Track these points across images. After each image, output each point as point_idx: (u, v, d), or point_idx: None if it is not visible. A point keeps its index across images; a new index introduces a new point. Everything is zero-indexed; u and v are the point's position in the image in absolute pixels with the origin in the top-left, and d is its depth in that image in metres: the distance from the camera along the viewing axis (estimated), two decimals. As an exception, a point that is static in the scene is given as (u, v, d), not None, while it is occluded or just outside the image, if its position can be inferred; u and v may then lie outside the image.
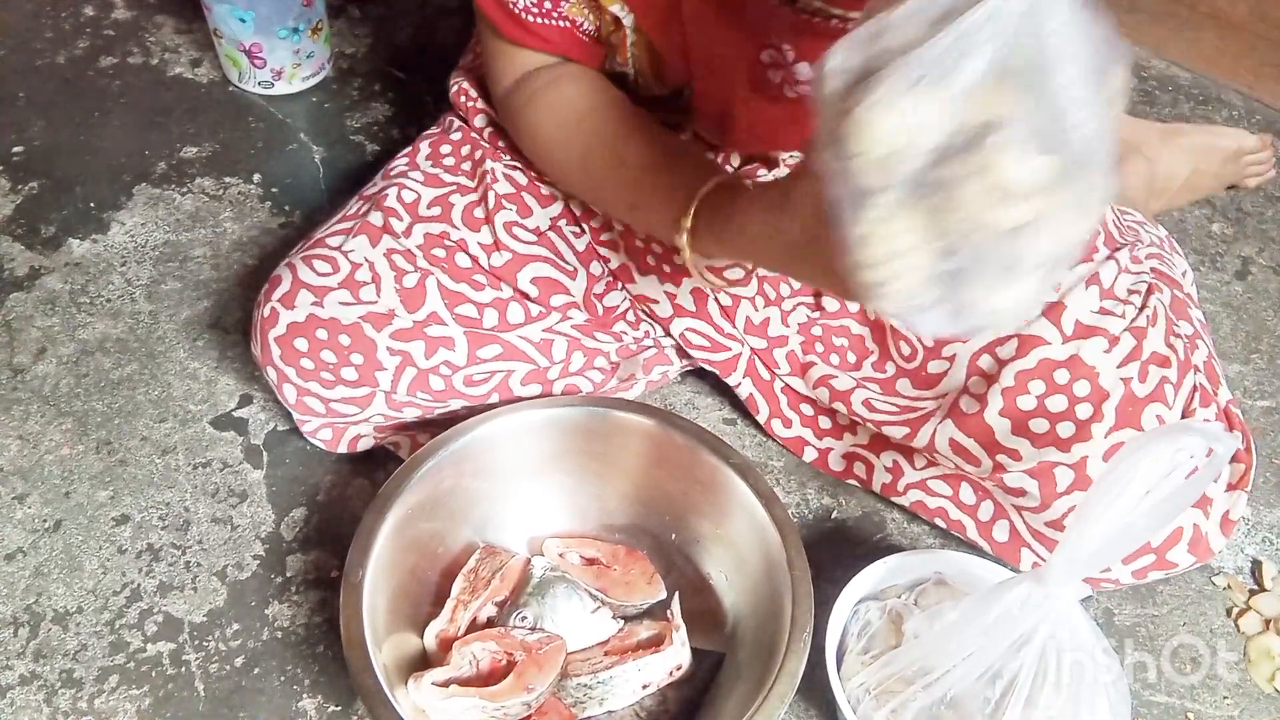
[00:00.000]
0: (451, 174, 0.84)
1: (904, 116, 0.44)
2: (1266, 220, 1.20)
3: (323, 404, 0.80)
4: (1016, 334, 0.74)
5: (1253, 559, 0.89)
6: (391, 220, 0.80)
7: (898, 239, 0.47)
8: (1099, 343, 0.73)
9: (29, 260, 1.03)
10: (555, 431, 0.79)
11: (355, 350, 0.77)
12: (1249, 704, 0.80)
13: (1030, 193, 0.45)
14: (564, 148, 0.79)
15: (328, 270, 0.79)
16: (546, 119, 0.79)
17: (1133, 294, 0.76)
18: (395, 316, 0.78)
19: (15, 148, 1.13)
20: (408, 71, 1.27)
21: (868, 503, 0.90)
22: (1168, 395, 0.74)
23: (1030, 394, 0.73)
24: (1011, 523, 0.80)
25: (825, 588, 0.74)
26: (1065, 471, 0.73)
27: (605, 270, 0.87)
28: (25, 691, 0.75)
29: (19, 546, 0.83)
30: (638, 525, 0.82)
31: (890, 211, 0.46)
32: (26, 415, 0.91)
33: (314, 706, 0.76)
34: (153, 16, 1.31)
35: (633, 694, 0.72)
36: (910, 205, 0.46)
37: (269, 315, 0.78)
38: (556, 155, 0.80)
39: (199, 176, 1.12)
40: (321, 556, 0.84)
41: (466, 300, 0.80)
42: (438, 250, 0.80)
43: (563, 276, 0.82)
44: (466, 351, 0.80)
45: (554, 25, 0.77)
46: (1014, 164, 0.44)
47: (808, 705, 0.77)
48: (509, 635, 0.72)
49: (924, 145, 0.45)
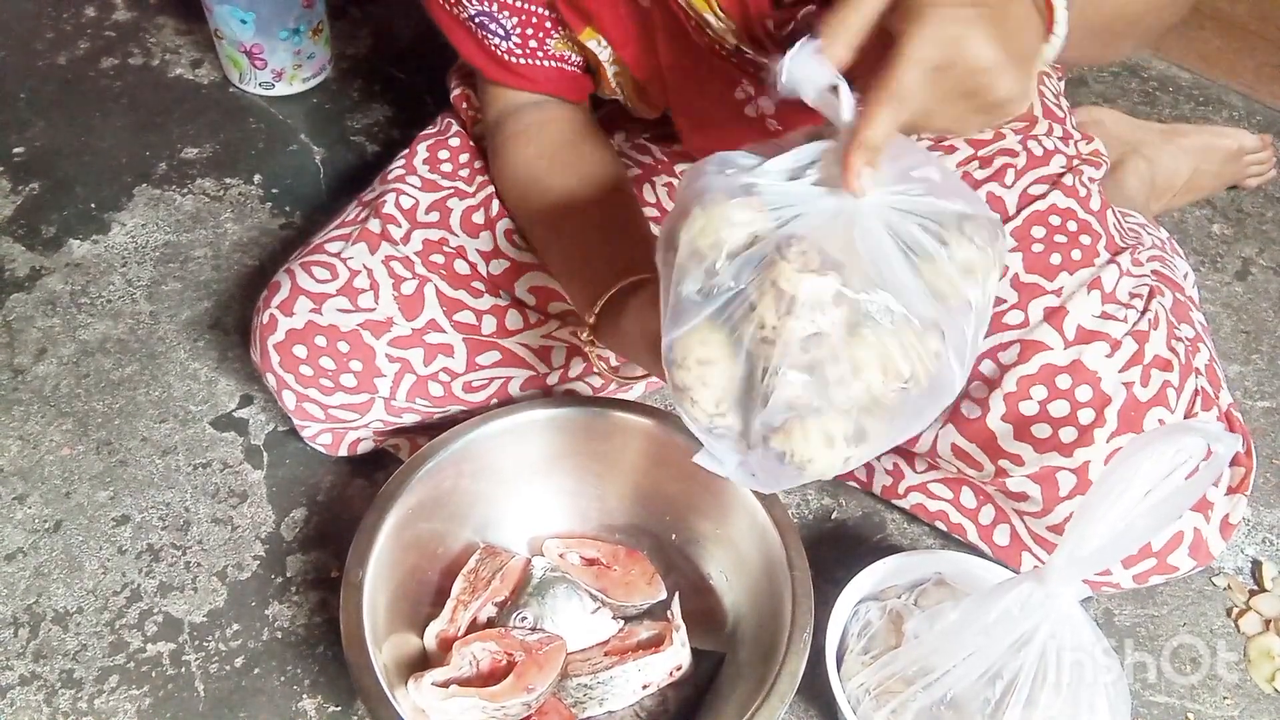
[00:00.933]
0: (449, 179, 0.84)
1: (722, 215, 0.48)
2: (1267, 221, 1.20)
3: (322, 410, 0.80)
4: (1019, 339, 0.74)
5: (1253, 559, 0.89)
6: (390, 227, 0.80)
7: (704, 347, 0.50)
8: (1101, 347, 0.73)
9: (30, 261, 1.03)
10: (555, 432, 0.79)
11: (354, 357, 0.77)
12: (1249, 704, 0.80)
13: (813, 305, 0.47)
14: (518, 207, 0.81)
15: (326, 277, 0.79)
16: (508, 173, 0.80)
17: (1134, 298, 0.76)
18: (394, 324, 0.78)
19: (16, 148, 1.13)
20: (408, 72, 1.27)
21: (867, 503, 0.90)
22: (1170, 399, 0.74)
23: (1032, 399, 0.72)
24: (1013, 526, 0.80)
25: (825, 588, 0.74)
26: (1067, 476, 0.72)
27: None
28: (25, 692, 0.75)
29: (19, 547, 0.83)
30: (638, 525, 0.82)
31: (702, 320, 0.50)
32: (27, 416, 0.91)
33: (314, 707, 0.76)
34: (153, 17, 1.31)
35: (633, 694, 0.72)
36: (718, 319, 0.49)
37: (268, 322, 0.78)
38: (512, 209, 0.82)
39: (200, 177, 1.12)
40: (321, 557, 0.84)
41: (465, 307, 0.80)
42: (436, 256, 0.80)
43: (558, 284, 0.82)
44: (465, 358, 0.80)
45: (539, 66, 0.78)
46: (794, 272, 0.46)
47: (808, 705, 0.77)
48: (509, 635, 0.72)
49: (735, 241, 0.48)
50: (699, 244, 0.49)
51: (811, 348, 0.48)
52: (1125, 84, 1.36)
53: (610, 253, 0.72)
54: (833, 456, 0.51)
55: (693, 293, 0.50)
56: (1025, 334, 0.74)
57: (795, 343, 0.48)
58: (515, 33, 0.75)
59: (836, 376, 0.48)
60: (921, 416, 0.52)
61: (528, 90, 0.80)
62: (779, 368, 0.48)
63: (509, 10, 0.74)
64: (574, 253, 0.75)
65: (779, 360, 0.48)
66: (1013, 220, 0.78)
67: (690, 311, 0.50)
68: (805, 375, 0.48)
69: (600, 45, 0.76)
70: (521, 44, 0.76)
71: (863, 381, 0.49)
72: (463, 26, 0.77)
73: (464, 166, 0.85)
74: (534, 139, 0.79)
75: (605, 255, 0.72)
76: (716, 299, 0.49)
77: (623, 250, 0.72)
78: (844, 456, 0.51)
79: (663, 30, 0.73)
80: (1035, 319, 0.74)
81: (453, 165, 0.85)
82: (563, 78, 0.79)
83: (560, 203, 0.76)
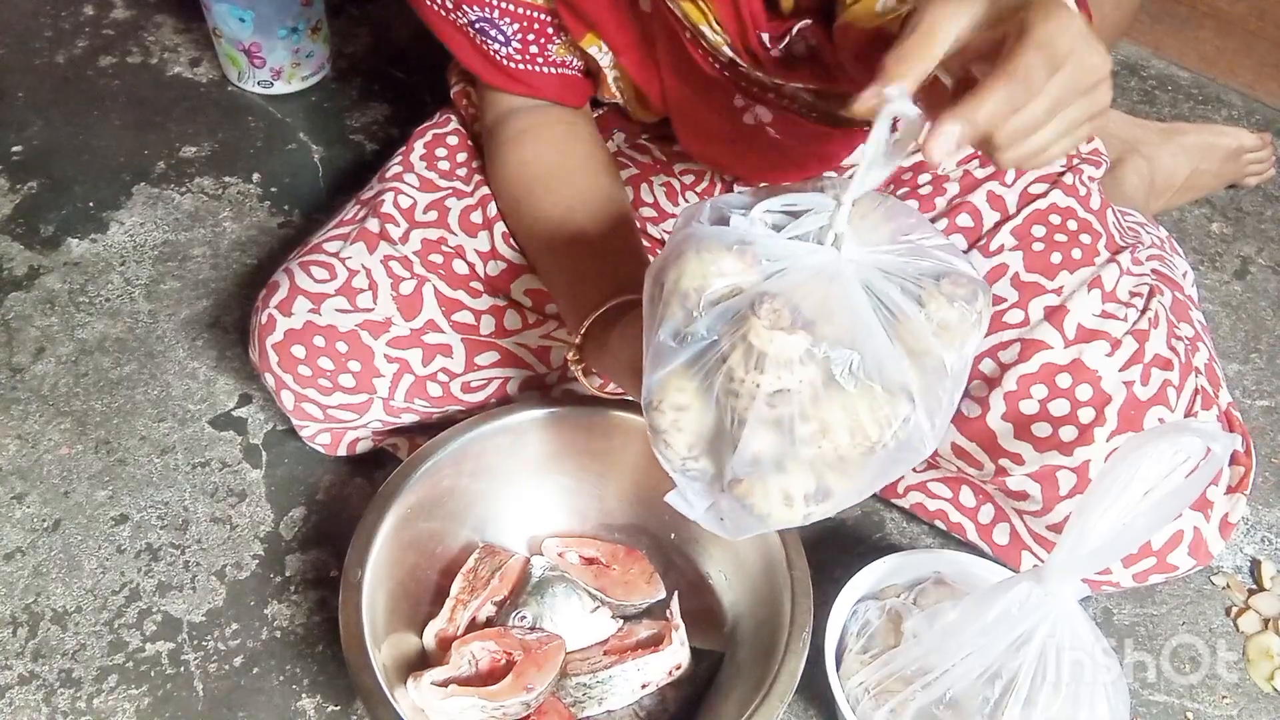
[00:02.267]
0: (447, 178, 0.84)
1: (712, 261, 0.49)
2: (1266, 220, 1.20)
3: (320, 410, 0.80)
4: (1019, 338, 0.74)
5: (1252, 558, 0.89)
6: (388, 226, 0.80)
7: (680, 393, 0.51)
8: (1101, 346, 0.73)
9: (28, 260, 1.03)
10: (554, 431, 0.79)
11: (353, 357, 0.77)
12: (1248, 703, 0.80)
13: (781, 362, 0.47)
14: (511, 215, 0.80)
15: (325, 277, 0.79)
16: (503, 177, 0.80)
17: (1135, 297, 0.76)
18: (392, 324, 0.78)
19: (14, 147, 1.13)
20: (408, 71, 1.27)
21: (867, 503, 0.90)
22: (1170, 398, 0.74)
23: (1032, 398, 0.72)
24: (1012, 525, 0.80)
25: (825, 587, 0.74)
26: (1067, 475, 0.72)
27: None
28: (24, 691, 0.75)
29: (18, 546, 0.83)
30: (637, 525, 0.82)
31: (678, 364, 0.50)
32: (25, 415, 0.91)
33: (313, 706, 0.76)
34: (152, 16, 1.31)
35: (632, 693, 0.72)
36: (693, 366, 0.50)
37: (266, 322, 0.78)
38: (506, 216, 0.81)
39: (198, 176, 1.12)
40: (320, 556, 0.84)
41: (463, 307, 0.80)
42: (435, 256, 0.80)
43: None
44: (464, 358, 0.80)
45: (539, 72, 0.77)
46: (764, 329, 0.47)
47: (807, 705, 0.77)
48: (508, 635, 0.72)
49: (716, 289, 0.49)
50: (683, 286, 0.50)
51: (779, 404, 0.48)
52: (1124, 83, 1.36)
53: (600, 270, 0.72)
54: (791, 514, 0.51)
55: (669, 336, 0.50)
56: (1026, 333, 0.74)
57: (762, 398, 0.48)
58: (515, 38, 0.74)
59: (803, 435, 0.48)
60: (887, 475, 0.51)
61: (526, 95, 0.80)
62: (744, 420, 0.49)
63: (510, 16, 0.73)
64: (565, 268, 0.74)
65: (745, 414, 0.48)
66: (1013, 219, 0.77)
67: (667, 356, 0.50)
68: (771, 431, 0.49)
69: (601, 51, 0.76)
70: (522, 49, 0.75)
71: (830, 441, 0.49)
72: (460, 32, 0.76)
73: (461, 165, 0.85)
74: (530, 144, 0.79)
75: (595, 273, 0.72)
76: (691, 346, 0.50)
77: (613, 268, 0.72)
78: (804, 514, 0.51)
79: (662, 38, 0.72)
80: (1035, 318, 0.74)
81: (450, 163, 0.85)
82: (563, 83, 0.79)
83: (553, 216, 0.76)
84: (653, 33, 0.72)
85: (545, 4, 0.73)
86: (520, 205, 0.78)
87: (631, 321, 0.64)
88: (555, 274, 0.76)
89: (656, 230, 0.84)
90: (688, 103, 0.76)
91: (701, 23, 0.65)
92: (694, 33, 0.67)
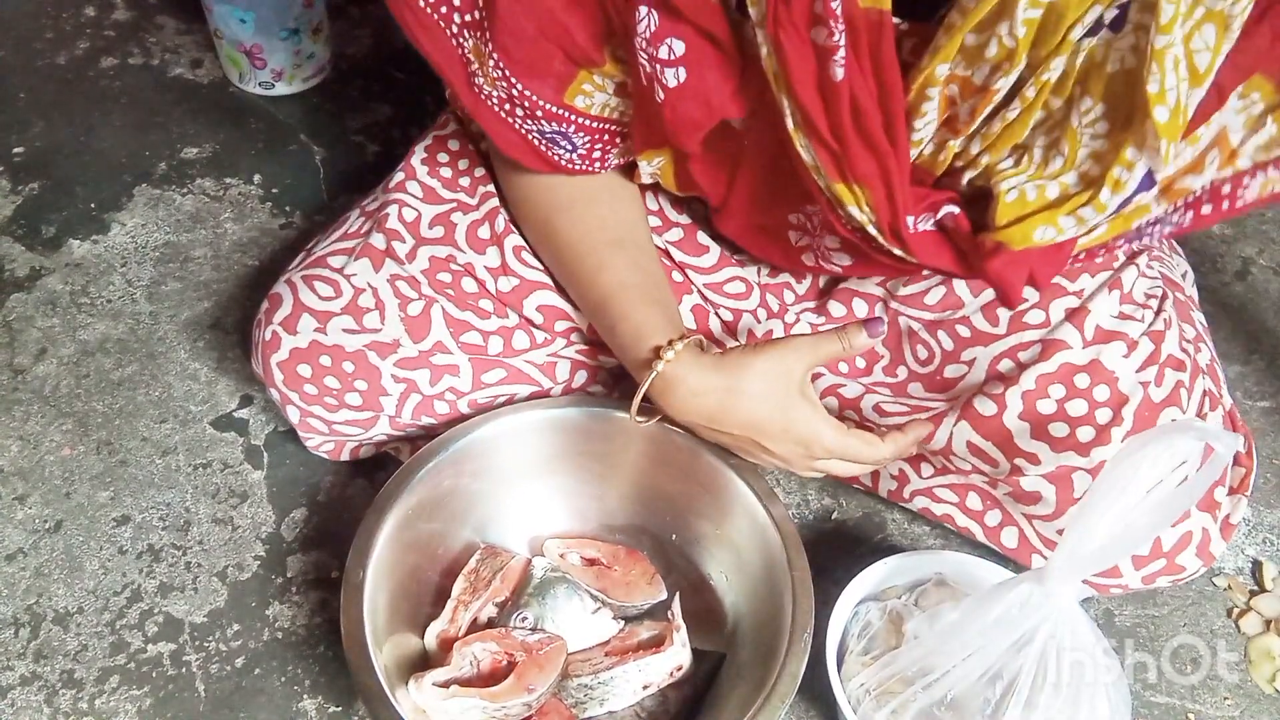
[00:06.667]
0: (450, 189, 0.83)
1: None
2: (1266, 221, 1.20)
3: (326, 425, 0.80)
4: (1041, 339, 0.74)
5: (1253, 560, 0.89)
6: (394, 244, 0.79)
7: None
8: (1118, 347, 0.73)
9: (29, 261, 1.03)
10: (555, 432, 0.79)
11: (359, 377, 0.77)
12: (1249, 705, 0.80)
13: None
14: (541, 237, 0.78)
15: (330, 294, 0.77)
16: (529, 194, 0.77)
17: (1150, 298, 0.76)
18: (400, 345, 0.77)
19: (16, 148, 1.13)
20: (408, 72, 1.27)
21: (868, 503, 0.90)
22: (1182, 399, 0.74)
23: (1050, 398, 0.73)
24: (1020, 530, 0.80)
25: (825, 588, 0.74)
26: (1083, 477, 0.72)
27: None
28: (26, 692, 0.75)
29: (20, 547, 0.83)
30: (638, 526, 0.82)
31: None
32: (27, 416, 0.91)
33: (314, 707, 0.76)
34: (153, 17, 1.31)
35: (633, 694, 0.72)
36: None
37: (270, 339, 0.77)
38: (531, 235, 0.79)
39: (199, 177, 1.12)
40: (322, 557, 0.84)
41: (472, 328, 0.79)
42: (443, 275, 0.79)
43: (567, 304, 0.80)
44: (471, 378, 0.79)
45: (592, 171, 0.74)
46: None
47: (808, 706, 0.77)
48: (509, 636, 0.72)
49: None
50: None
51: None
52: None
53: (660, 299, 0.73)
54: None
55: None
56: (1047, 333, 0.74)
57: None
58: (583, 147, 0.71)
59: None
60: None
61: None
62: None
63: (585, 131, 0.70)
64: (613, 308, 0.74)
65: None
66: None
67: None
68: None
69: (650, 163, 0.73)
70: (585, 156, 0.72)
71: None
72: (520, 136, 0.71)
73: (464, 174, 0.83)
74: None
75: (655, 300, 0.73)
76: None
77: (668, 298, 0.74)
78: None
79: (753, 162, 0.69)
80: (1056, 318, 0.74)
81: (453, 170, 0.83)
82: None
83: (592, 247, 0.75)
84: (739, 148, 0.69)
85: (621, 119, 0.70)
86: (549, 227, 0.76)
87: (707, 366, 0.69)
88: (598, 307, 0.75)
89: (661, 240, 0.83)
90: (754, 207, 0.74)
91: (851, 204, 0.61)
92: (835, 203, 0.63)
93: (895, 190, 0.59)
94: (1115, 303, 0.74)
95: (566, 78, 0.65)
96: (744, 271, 0.84)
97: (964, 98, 0.57)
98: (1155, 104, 0.52)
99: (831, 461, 0.72)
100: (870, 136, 0.57)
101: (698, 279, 0.84)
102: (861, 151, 0.57)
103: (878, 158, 0.58)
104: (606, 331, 0.75)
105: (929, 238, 0.63)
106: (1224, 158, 0.59)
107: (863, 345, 0.70)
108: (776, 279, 0.85)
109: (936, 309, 0.79)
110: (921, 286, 0.80)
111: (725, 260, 0.84)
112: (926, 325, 0.80)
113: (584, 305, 0.77)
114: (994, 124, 0.58)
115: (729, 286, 0.83)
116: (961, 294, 0.78)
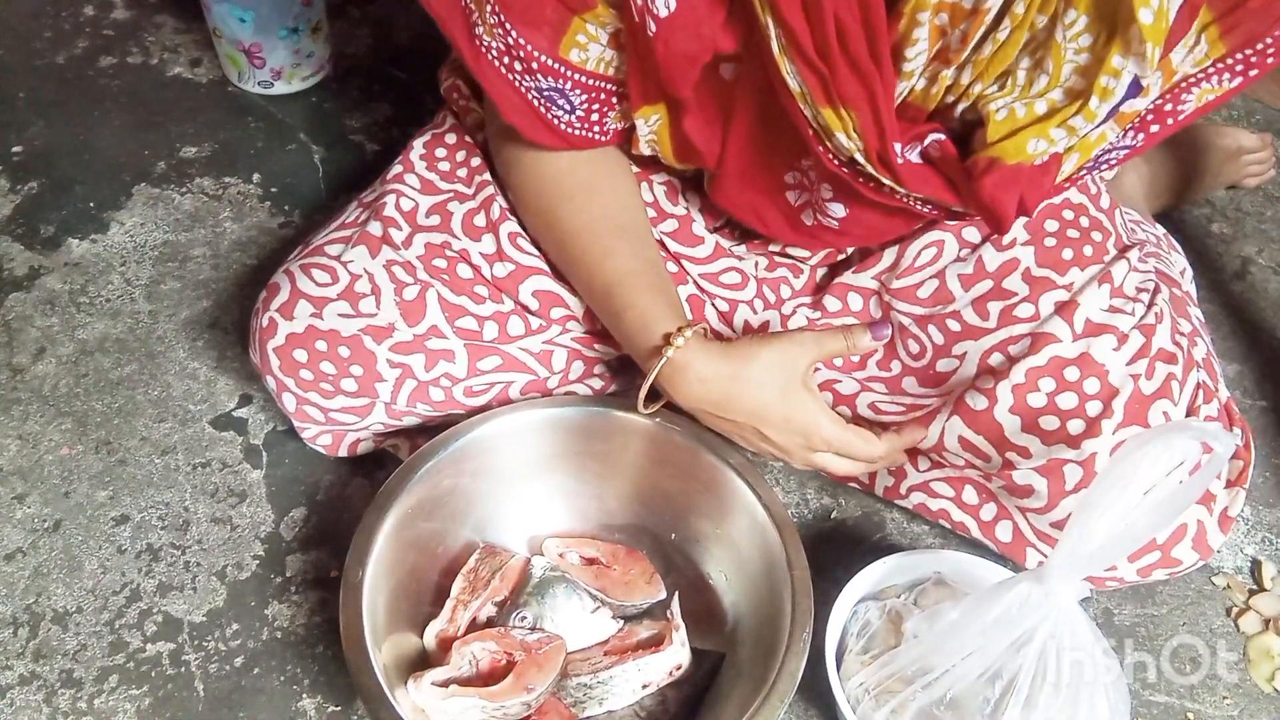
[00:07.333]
0: (448, 180, 0.83)
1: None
2: (1266, 220, 1.20)
3: (322, 413, 0.80)
4: (1030, 332, 0.74)
5: (1252, 559, 0.89)
6: (391, 230, 0.79)
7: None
8: (1108, 340, 0.73)
9: (28, 260, 1.03)
10: (555, 431, 0.79)
11: (355, 362, 0.77)
12: (1248, 704, 0.80)
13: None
14: (544, 226, 0.78)
15: (327, 280, 0.78)
16: (531, 183, 0.77)
17: (1141, 292, 0.77)
18: (395, 330, 0.77)
19: (15, 148, 1.13)
20: (408, 71, 1.27)
21: (867, 503, 0.90)
22: (1174, 392, 0.74)
23: (1040, 391, 0.73)
24: (1015, 524, 0.80)
25: (825, 588, 0.74)
26: (1074, 469, 0.73)
27: None
28: (25, 691, 0.75)
29: (18, 546, 0.83)
30: (637, 525, 0.82)
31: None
32: (26, 415, 0.91)
33: (314, 706, 0.76)
34: (152, 16, 1.31)
35: (633, 694, 0.72)
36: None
37: (267, 325, 0.78)
38: (533, 223, 0.79)
39: (198, 176, 1.12)
40: (321, 556, 0.84)
41: (467, 313, 0.79)
42: (439, 261, 0.79)
43: (563, 289, 0.81)
44: (466, 364, 0.79)
45: (588, 137, 0.74)
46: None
47: (807, 705, 0.77)
48: (509, 635, 0.72)
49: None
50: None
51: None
52: (1124, 83, 1.36)
53: (663, 287, 0.74)
54: None
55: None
56: (1036, 327, 0.74)
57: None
58: (580, 108, 0.71)
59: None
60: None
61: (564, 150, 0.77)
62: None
63: (581, 88, 0.70)
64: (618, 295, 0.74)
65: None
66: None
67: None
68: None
69: (647, 122, 0.73)
70: (584, 118, 0.72)
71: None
72: (519, 94, 0.71)
73: (461, 165, 0.84)
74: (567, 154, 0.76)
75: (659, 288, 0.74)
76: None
77: (669, 285, 0.75)
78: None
79: (745, 108, 0.69)
80: (1046, 312, 0.74)
81: (450, 164, 0.84)
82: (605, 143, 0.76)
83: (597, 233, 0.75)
84: (730, 99, 0.69)
85: (616, 75, 0.70)
86: (551, 215, 0.76)
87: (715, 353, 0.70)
88: (603, 294, 0.75)
89: (656, 232, 0.83)
90: (749, 166, 0.74)
91: (838, 130, 0.61)
92: (821, 133, 0.63)
93: (882, 113, 0.60)
94: (1105, 296, 0.74)
95: (560, 26, 0.66)
96: (740, 263, 0.85)
97: (954, 24, 0.58)
98: (1140, 6, 0.53)
99: (828, 456, 0.73)
100: (855, 58, 0.57)
101: (693, 269, 0.84)
102: (847, 73, 0.58)
103: (863, 80, 0.58)
104: (611, 319, 0.75)
105: (918, 167, 0.64)
106: (1165, 77, 0.60)
107: (865, 347, 0.72)
108: (774, 273, 0.85)
109: (928, 303, 0.79)
110: (914, 280, 0.80)
111: (721, 251, 0.84)
112: (917, 320, 0.80)
113: (588, 294, 0.78)
114: (985, 48, 0.58)
115: (725, 277, 0.83)
116: (953, 288, 0.78)
